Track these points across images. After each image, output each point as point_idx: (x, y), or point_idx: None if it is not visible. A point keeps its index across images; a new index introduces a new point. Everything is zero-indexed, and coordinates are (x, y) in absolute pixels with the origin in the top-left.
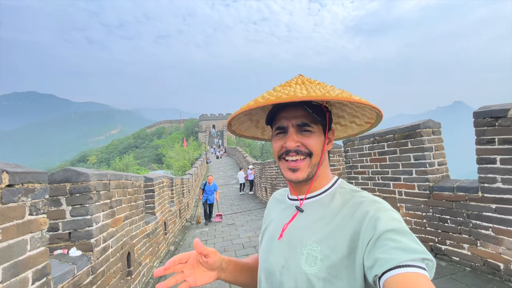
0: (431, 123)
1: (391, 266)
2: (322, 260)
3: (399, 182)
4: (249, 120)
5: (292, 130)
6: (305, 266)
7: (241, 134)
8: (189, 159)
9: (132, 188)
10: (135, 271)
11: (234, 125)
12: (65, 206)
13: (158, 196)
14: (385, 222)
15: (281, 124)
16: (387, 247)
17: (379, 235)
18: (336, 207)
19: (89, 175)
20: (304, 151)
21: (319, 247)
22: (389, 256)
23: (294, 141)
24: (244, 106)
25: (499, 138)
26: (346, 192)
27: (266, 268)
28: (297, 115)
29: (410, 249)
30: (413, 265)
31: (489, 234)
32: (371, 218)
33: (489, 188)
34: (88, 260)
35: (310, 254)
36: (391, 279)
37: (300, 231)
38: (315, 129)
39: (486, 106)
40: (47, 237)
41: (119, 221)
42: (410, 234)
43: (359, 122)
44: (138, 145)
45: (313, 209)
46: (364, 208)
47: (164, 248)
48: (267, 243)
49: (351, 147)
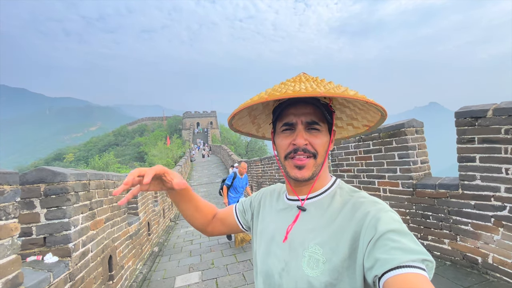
0: (414, 122)
1: (391, 266)
2: (325, 263)
3: (383, 180)
4: (248, 115)
5: (301, 127)
6: (306, 269)
7: (238, 129)
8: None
9: (114, 188)
10: (117, 275)
11: (235, 118)
12: (39, 209)
13: (141, 196)
14: (386, 223)
15: (289, 120)
16: (388, 248)
17: (380, 236)
18: (337, 208)
19: (67, 175)
20: (311, 150)
21: (322, 249)
22: (389, 257)
23: (304, 139)
24: (255, 97)
25: (478, 137)
26: (346, 192)
27: (264, 271)
28: (306, 112)
29: (410, 249)
30: (413, 266)
31: (468, 229)
32: (372, 219)
33: (468, 185)
34: (65, 266)
35: (312, 256)
36: (392, 279)
37: (301, 233)
38: (323, 128)
39: (467, 106)
40: (18, 244)
41: (100, 223)
42: (410, 235)
43: (357, 125)
44: (118, 143)
45: (314, 210)
46: (364, 209)
47: (148, 249)
48: (265, 245)
49: (337, 145)
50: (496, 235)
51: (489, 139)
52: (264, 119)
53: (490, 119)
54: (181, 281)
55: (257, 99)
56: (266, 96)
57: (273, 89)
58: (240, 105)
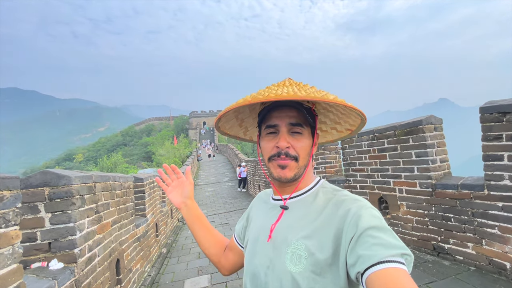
0: (433, 119)
1: (373, 262)
2: (307, 258)
3: (399, 179)
4: (235, 118)
5: (284, 129)
6: (289, 265)
7: (225, 132)
8: (180, 157)
9: (121, 190)
10: (125, 279)
11: (221, 120)
12: (44, 213)
13: (149, 197)
14: (367, 220)
15: (273, 122)
16: (369, 244)
17: (361, 233)
18: (319, 206)
19: (71, 178)
20: (292, 154)
21: (303, 245)
22: (370, 253)
23: (286, 141)
24: (240, 100)
25: (506, 134)
26: (328, 191)
27: (251, 271)
28: (290, 115)
29: (390, 245)
30: (393, 261)
31: (495, 233)
32: (353, 216)
33: (495, 185)
34: (71, 273)
35: (294, 252)
36: (373, 275)
37: (284, 230)
38: (305, 131)
39: (493, 101)
40: (20, 252)
41: (107, 227)
42: (390, 230)
43: (340, 129)
44: (126, 143)
45: (297, 208)
46: (346, 206)
47: (156, 251)
48: (251, 246)
49: (349, 144)
50: None
51: None
52: (251, 123)
53: None
54: (190, 284)
55: (242, 101)
56: (250, 99)
57: (257, 93)
58: (225, 108)
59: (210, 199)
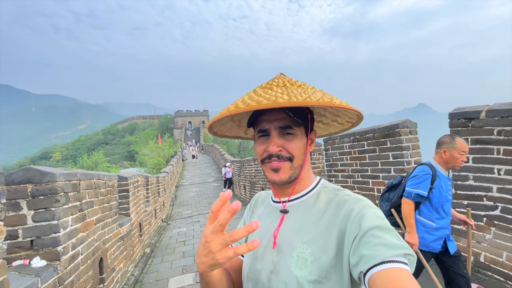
0: (408, 123)
1: (375, 262)
2: (313, 262)
3: (378, 180)
4: (231, 121)
5: (275, 133)
6: (295, 269)
7: (224, 135)
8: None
9: (105, 188)
10: (108, 278)
11: (215, 127)
12: (26, 211)
13: (133, 196)
14: (370, 220)
15: (263, 127)
16: (372, 244)
17: (364, 232)
18: (322, 207)
19: (56, 175)
20: (286, 155)
21: (309, 249)
22: (373, 253)
23: (276, 146)
24: (224, 111)
25: (471, 138)
26: (330, 191)
27: (252, 276)
28: (279, 118)
29: (393, 245)
30: (396, 261)
31: (461, 229)
32: (356, 216)
33: (462, 185)
34: (54, 270)
35: (300, 256)
36: (376, 275)
37: (288, 234)
38: (297, 131)
39: (460, 108)
40: (4, 248)
41: (91, 225)
42: (393, 230)
43: (341, 121)
44: (108, 142)
45: (299, 210)
46: (348, 206)
47: (139, 251)
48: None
49: (332, 146)
50: (488, 235)
51: (482, 140)
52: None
53: (483, 120)
54: (174, 283)
55: (225, 112)
56: (233, 107)
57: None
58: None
59: (195, 199)
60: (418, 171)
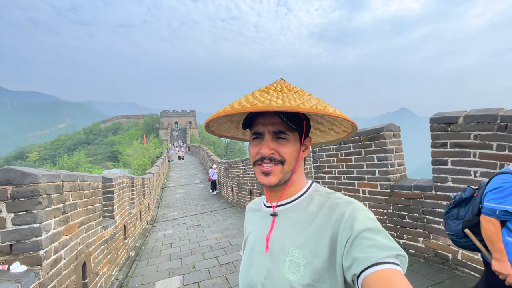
0: (392, 126)
1: (368, 264)
2: (305, 266)
3: (363, 181)
4: (229, 121)
5: (268, 136)
6: (288, 274)
7: (221, 135)
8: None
9: (89, 190)
10: (91, 282)
11: (212, 126)
12: (6, 214)
13: (118, 198)
14: (361, 222)
15: (257, 129)
16: (364, 246)
17: (356, 235)
18: (314, 210)
19: (38, 176)
20: (278, 158)
21: (302, 253)
22: (366, 255)
23: (269, 148)
24: (220, 111)
25: (450, 142)
26: (321, 194)
27: (247, 282)
28: (273, 122)
29: (385, 246)
30: (388, 262)
31: (440, 228)
32: (348, 219)
33: (441, 186)
34: (35, 275)
35: (292, 261)
36: (369, 277)
37: (280, 239)
38: (291, 136)
39: (441, 113)
40: None
41: (74, 228)
42: (384, 232)
43: (337, 130)
44: (90, 141)
45: (291, 214)
46: (340, 209)
47: (124, 254)
48: (247, 257)
49: (319, 148)
50: None
51: (460, 143)
52: None
53: (461, 125)
54: (161, 286)
55: (222, 111)
56: (228, 108)
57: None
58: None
59: (181, 201)
60: (501, 182)
